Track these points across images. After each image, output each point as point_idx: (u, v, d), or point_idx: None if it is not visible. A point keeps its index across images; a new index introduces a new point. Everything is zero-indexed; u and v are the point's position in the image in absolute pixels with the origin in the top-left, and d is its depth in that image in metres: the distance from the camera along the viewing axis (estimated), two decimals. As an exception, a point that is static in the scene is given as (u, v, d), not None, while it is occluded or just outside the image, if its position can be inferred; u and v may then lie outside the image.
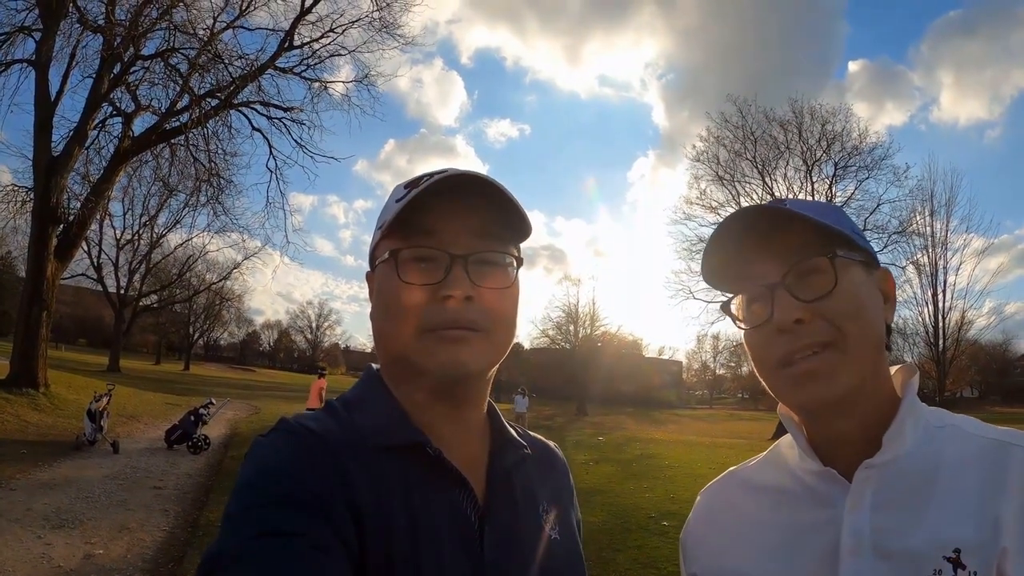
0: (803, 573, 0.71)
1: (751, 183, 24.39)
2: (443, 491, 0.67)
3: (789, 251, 0.72)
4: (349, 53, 17.00)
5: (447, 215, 0.69)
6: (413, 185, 0.69)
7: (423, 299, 0.68)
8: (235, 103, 16.11)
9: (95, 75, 14.64)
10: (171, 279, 39.58)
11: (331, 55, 17.06)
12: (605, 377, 45.43)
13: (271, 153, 17.05)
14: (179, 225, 33.22)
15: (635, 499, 8.39)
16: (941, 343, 27.76)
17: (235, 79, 15.59)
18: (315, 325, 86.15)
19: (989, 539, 0.62)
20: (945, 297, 27.52)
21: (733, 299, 0.78)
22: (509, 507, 0.72)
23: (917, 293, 27.32)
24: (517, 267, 0.73)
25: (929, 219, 26.76)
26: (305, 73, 16.86)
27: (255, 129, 16.92)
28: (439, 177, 0.67)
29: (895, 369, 0.78)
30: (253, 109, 16.71)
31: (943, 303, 27.52)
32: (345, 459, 0.63)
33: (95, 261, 33.48)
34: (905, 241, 24.62)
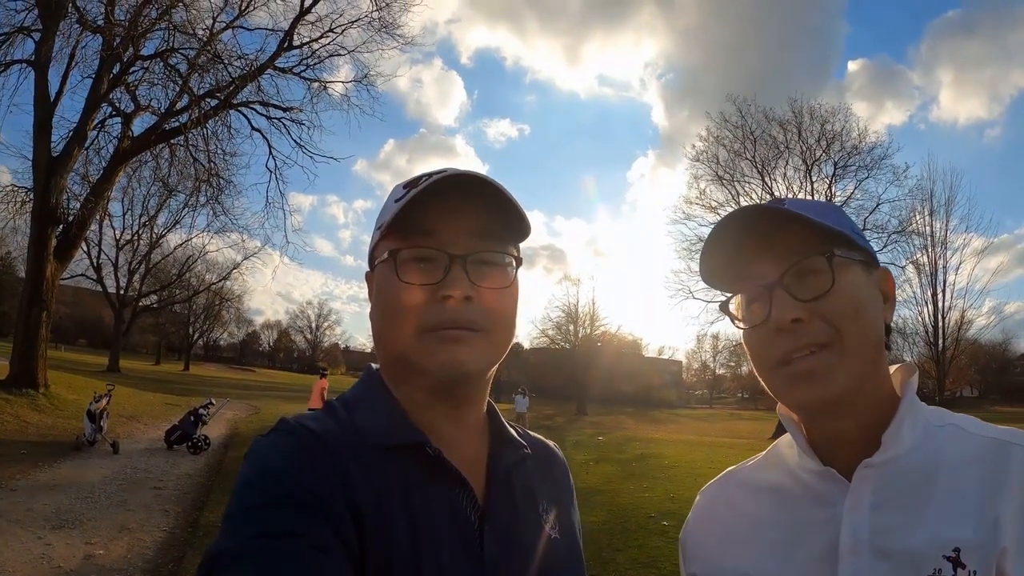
0: (802, 572, 0.71)
1: (751, 183, 24.44)
2: (443, 491, 0.67)
3: (788, 251, 0.72)
4: (348, 53, 17.05)
5: (446, 215, 0.69)
6: (412, 185, 0.69)
7: (422, 299, 0.68)
8: (234, 103, 16.11)
9: (94, 75, 14.65)
10: (171, 279, 39.57)
11: (330, 55, 17.11)
12: (605, 377, 45.47)
13: (271, 153, 17.10)
14: (179, 225, 33.35)
15: (635, 499, 8.39)
16: (941, 342, 27.77)
17: (234, 79, 15.59)
18: (315, 325, 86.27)
19: (989, 539, 0.62)
20: (945, 296, 27.59)
21: (732, 299, 0.78)
22: (509, 507, 0.71)
23: (917, 292, 27.38)
24: (516, 267, 0.73)
25: (929, 218, 26.83)
26: (304, 73, 16.90)
27: (255, 129, 16.96)
28: (438, 177, 0.67)
29: (895, 368, 0.78)
30: (252, 109, 16.74)
31: (943, 302, 27.58)
32: (345, 459, 0.63)
33: (95, 261, 33.48)
34: (905, 241, 24.70)
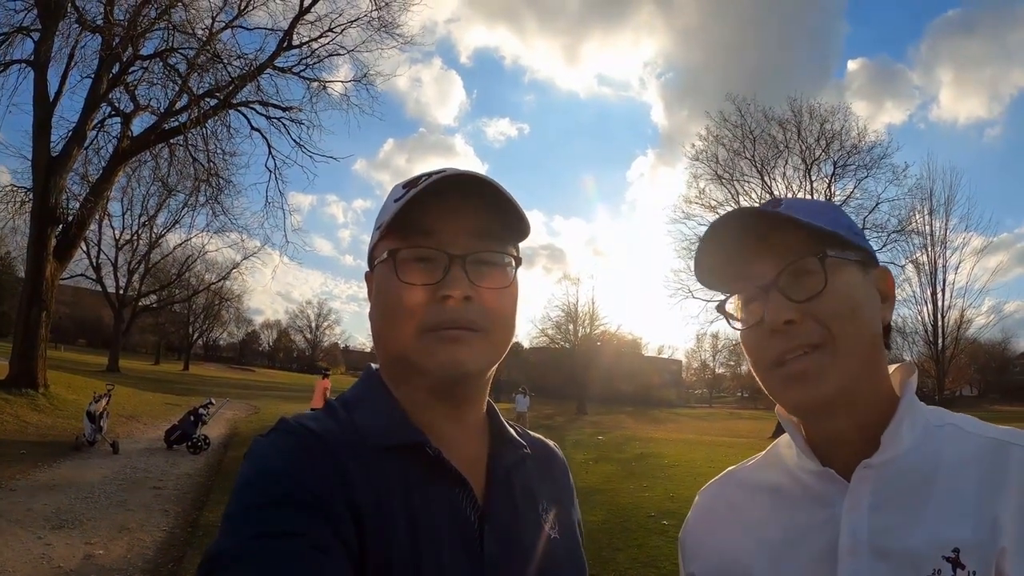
0: (802, 573, 0.71)
1: (750, 182, 24.47)
2: (443, 491, 0.67)
3: (785, 252, 0.72)
4: (348, 53, 17.04)
5: (446, 215, 0.69)
6: (411, 185, 0.69)
7: (422, 299, 0.68)
8: (234, 103, 16.10)
9: (94, 75, 14.63)
10: (170, 279, 39.56)
11: (330, 55, 17.10)
12: (605, 376, 45.49)
13: (270, 153, 17.08)
14: (178, 225, 33.34)
15: (635, 498, 8.39)
16: (940, 342, 27.80)
17: (234, 79, 15.58)
18: (314, 325, 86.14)
19: (988, 539, 0.62)
20: (944, 296, 27.63)
21: (729, 299, 0.78)
22: (509, 507, 0.71)
23: (916, 292, 27.41)
24: (516, 267, 0.73)
25: (928, 218, 26.87)
26: (304, 73, 16.89)
27: (254, 129, 16.94)
28: (437, 177, 0.67)
29: (894, 368, 0.78)
30: (252, 109, 16.73)
31: (942, 302, 27.62)
32: (345, 459, 0.63)
33: (94, 261, 33.48)
34: (904, 240, 24.72)
